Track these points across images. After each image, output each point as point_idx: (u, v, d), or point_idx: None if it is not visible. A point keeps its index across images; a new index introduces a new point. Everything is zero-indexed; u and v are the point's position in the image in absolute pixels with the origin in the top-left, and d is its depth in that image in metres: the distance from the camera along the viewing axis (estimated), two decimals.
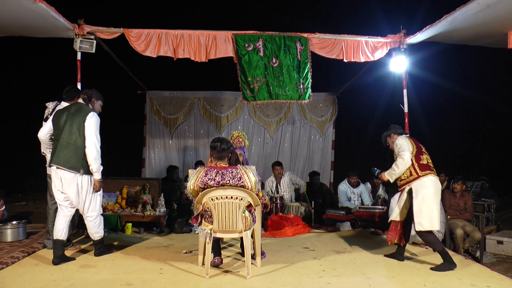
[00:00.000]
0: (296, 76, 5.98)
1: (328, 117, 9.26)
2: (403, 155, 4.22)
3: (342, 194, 7.26)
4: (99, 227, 4.28)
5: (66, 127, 4.04)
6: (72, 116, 4.06)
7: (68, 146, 4.03)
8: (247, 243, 3.73)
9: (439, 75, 10.96)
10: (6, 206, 6.37)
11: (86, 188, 4.10)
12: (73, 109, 4.12)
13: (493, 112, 13.46)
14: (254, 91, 5.95)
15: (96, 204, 4.21)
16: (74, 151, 4.02)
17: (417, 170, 4.19)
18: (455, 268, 3.97)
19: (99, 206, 4.27)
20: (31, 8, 4.49)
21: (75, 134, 4.02)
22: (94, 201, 4.19)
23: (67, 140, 4.04)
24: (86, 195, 4.12)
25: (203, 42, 5.76)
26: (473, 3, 4.25)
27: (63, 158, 4.02)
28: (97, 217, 4.25)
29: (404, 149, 4.23)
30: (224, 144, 3.79)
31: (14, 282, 3.50)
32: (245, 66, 5.87)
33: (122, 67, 7.28)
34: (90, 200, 4.15)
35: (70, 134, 4.03)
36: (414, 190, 4.15)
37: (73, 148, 4.02)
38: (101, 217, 4.32)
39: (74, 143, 4.03)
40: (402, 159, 4.21)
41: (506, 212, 8.62)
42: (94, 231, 4.27)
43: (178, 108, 9.01)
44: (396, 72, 6.14)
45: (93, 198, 4.17)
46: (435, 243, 4.11)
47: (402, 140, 4.32)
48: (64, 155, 4.02)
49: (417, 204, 4.09)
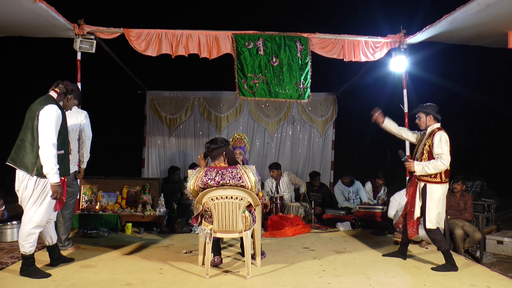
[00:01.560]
0: (297, 75, 5.98)
1: (328, 117, 9.26)
2: (444, 160, 4.02)
3: (339, 195, 7.32)
4: (25, 241, 3.56)
5: (25, 122, 3.61)
6: (30, 110, 3.61)
7: (22, 142, 3.57)
8: (247, 243, 3.73)
9: (439, 75, 10.96)
10: (6, 206, 6.37)
11: (32, 192, 3.55)
12: (37, 102, 3.64)
13: (493, 112, 13.45)
14: (254, 88, 5.95)
15: (32, 212, 3.56)
16: (28, 147, 3.53)
17: (443, 176, 4.09)
18: (456, 270, 3.96)
19: (36, 217, 3.57)
20: (31, 8, 4.49)
21: (29, 129, 3.54)
22: (34, 210, 3.56)
23: (21, 136, 3.60)
24: (29, 199, 3.56)
25: (203, 42, 5.77)
26: (473, 3, 4.25)
27: (17, 156, 3.57)
28: (27, 228, 3.55)
29: (447, 152, 4.03)
30: (213, 143, 3.81)
31: (14, 282, 3.50)
32: (244, 63, 5.87)
33: (122, 67, 7.29)
34: (29, 206, 3.57)
35: (25, 129, 3.58)
36: (430, 190, 4.11)
37: (27, 144, 3.54)
38: (36, 234, 3.60)
39: (26, 139, 3.55)
40: (443, 164, 4.02)
41: (506, 212, 8.61)
42: (21, 240, 3.58)
43: (178, 108, 9.01)
44: (396, 72, 6.14)
45: (35, 206, 3.56)
46: (441, 242, 4.11)
47: (446, 139, 4.09)
48: (18, 154, 3.57)
49: (433, 205, 4.07)
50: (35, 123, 3.52)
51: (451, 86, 11.51)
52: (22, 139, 3.58)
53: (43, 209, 3.60)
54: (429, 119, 4.28)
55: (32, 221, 3.57)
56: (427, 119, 4.29)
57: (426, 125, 4.30)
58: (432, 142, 4.13)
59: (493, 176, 11.12)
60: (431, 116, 4.27)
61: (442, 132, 4.15)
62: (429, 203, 4.10)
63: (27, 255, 3.61)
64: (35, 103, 3.63)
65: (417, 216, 4.27)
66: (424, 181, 4.16)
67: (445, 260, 4.05)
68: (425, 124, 4.30)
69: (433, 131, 4.21)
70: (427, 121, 4.29)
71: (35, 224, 3.58)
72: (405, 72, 6.01)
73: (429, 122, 4.28)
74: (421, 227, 4.56)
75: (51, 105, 3.57)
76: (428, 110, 4.28)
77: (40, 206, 3.59)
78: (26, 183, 3.56)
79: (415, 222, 4.29)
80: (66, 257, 4.14)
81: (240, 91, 6.01)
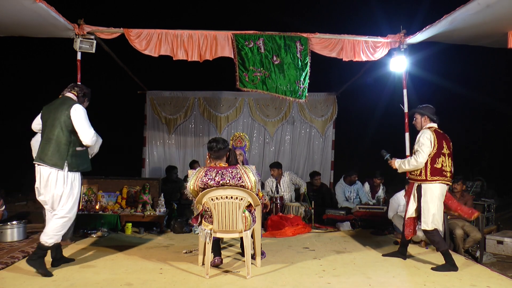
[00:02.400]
0: (297, 73, 5.98)
1: (328, 117, 9.26)
2: (418, 156, 4.06)
3: (339, 195, 7.28)
4: (56, 232, 3.76)
5: (49, 122, 3.81)
6: (55, 110, 3.82)
7: (49, 141, 3.77)
8: (247, 243, 3.73)
9: (439, 75, 10.95)
10: (6, 206, 6.36)
11: (64, 185, 3.75)
12: (58, 103, 3.88)
13: (493, 112, 13.45)
14: (255, 80, 5.94)
15: (68, 206, 3.79)
16: (56, 146, 3.75)
17: (428, 173, 4.08)
18: (456, 270, 3.96)
19: (72, 210, 3.84)
20: (31, 8, 4.49)
21: (57, 128, 3.76)
22: (69, 203, 3.79)
23: (47, 135, 3.79)
24: (61, 194, 3.76)
25: (203, 42, 5.77)
26: (473, 3, 4.25)
27: (45, 155, 3.75)
28: (63, 218, 3.77)
29: (423, 149, 4.06)
30: (220, 143, 3.80)
31: (14, 282, 3.50)
32: (245, 58, 5.87)
33: (122, 67, 7.29)
34: (63, 201, 3.77)
35: (52, 129, 3.78)
36: (424, 190, 4.12)
37: (55, 142, 3.75)
38: (63, 225, 3.80)
39: (54, 138, 3.76)
40: (416, 161, 4.07)
41: (506, 212, 8.61)
42: (45, 230, 3.76)
43: (178, 108, 9.01)
44: (396, 72, 6.14)
45: (67, 199, 3.78)
46: (439, 243, 4.11)
47: (426, 137, 4.10)
48: (46, 151, 3.75)
49: (427, 206, 4.08)
50: (65, 122, 3.75)
51: (451, 86, 11.51)
52: (49, 138, 3.77)
53: (75, 202, 3.87)
54: (424, 120, 4.29)
55: (68, 214, 3.80)
56: (422, 120, 4.30)
57: (421, 126, 4.31)
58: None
59: (493, 176, 11.10)
60: (426, 117, 4.28)
61: (425, 130, 4.16)
62: (423, 204, 4.10)
63: (45, 246, 3.73)
64: (58, 105, 3.84)
65: (410, 216, 4.27)
66: (412, 180, 4.21)
67: (445, 260, 4.05)
68: (420, 125, 4.31)
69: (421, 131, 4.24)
70: (422, 122, 4.30)
71: (70, 216, 3.82)
72: (405, 72, 6.01)
73: (424, 123, 4.29)
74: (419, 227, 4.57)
75: (77, 104, 3.85)
76: (424, 111, 4.29)
77: (73, 199, 3.83)
78: (55, 180, 3.73)
79: (411, 222, 4.29)
80: (67, 257, 4.15)
81: (240, 82, 5.98)
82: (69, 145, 3.79)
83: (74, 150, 3.83)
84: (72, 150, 3.81)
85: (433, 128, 4.20)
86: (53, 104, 3.90)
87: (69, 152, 3.79)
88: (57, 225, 3.76)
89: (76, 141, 3.84)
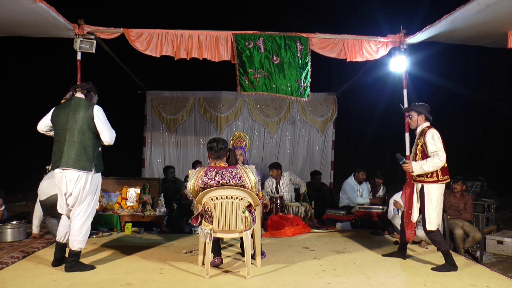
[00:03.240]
0: (298, 72, 5.98)
1: (328, 117, 9.26)
2: (440, 155, 3.98)
3: (351, 191, 7.10)
4: (84, 236, 3.84)
5: (69, 125, 3.76)
6: (73, 113, 3.79)
7: (73, 144, 3.75)
8: (247, 243, 3.73)
9: (439, 75, 10.96)
10: (6, 206, 6.36)
11: (91, 186, 3.83)
12: (73, 105, 3.83)
13: (493, 112, 13.46)
14: (255, 82, 5.94)
15: (91, 207, 3.88)
16: (82, 149, 3.76)
17: (439, 174, 4.04)
18: (456, 270, 3.95)
19: (93, 211, 3.95)
20: (31, 8, 4.49)
21: (81, 131, 3.76)
22: (92, 204, 3.88)
23: (72, 138, 3.76)
24: (88, 194, 3.82)
25: (203, 44, 5.77)
26: (473, 3, 4.25)
27: (72, 159, 3.72)
28: (86, 223, 3.85)
29: (441, 149, 4.00)
30: (220, 143, 3.81)
31: (14, 282, 3.50)
32: (245, 59, 5.87)
33: (122, 67, 7.29)
34: (89, 202, 3.85)
35: (75, 132, 3.76)
36: (427, 191, 4.07)
37: (80, 146, 3.75)
38: (89, 227, 3.91)
39: (80, 141, 3.76)
40: (440, 160, 3.97)
41: (506, 212, 8.61)
42: (77, 238, 3.80)
43: (178, 108, 9.02)
44: (396, 72, 6.14)
45: (92, 200, 3.88)
46: (440, 243, 4.08)
47: (438, 134, 4.03)
48: (72, 155, 3.73)
49: (431, 206, 4.04)
50: (89, 124, 3.78)
51: (451, 86, 11.52)
52: (73, 142, 3.75)
53: (96, 202, 3.98)
54: (420, 118, 4.25)
55: (90, 216, 3.89)
56: (418, 118, 4.26)
57: (417, 124, 4.27)
58: (425, 142, 4.09)
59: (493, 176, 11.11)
60: (423, 116, 4.24)
61: (432, 130, 4.12)
62: (427, 205, 4.06)
63: (79, 250, 3.84)
64: (74, 107, 3.80)
65: (416, 218, 4.23)
66: (421, 181, 4.12)
67: (445, 260, 4.04)
68: (416, 123, 4.27)
69: (423, 130, 4.18)
70: (418, 120, 4.26)
71: (91, 218, 3.90)
72: (405, 72, 6.01)
73: (420, 122, 4.25)
74: (419, 227, 4.56)
75: (96, 105, 3.88)
76: (421, 110, 4.26)
77: (96, 200, 3.94)
78: (83, 182, 3.77)
79: (413, 224, 4.27)
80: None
81: (241, 87, 6.00)
82: (94, 146, 3.83)
83: (98, 151, 3.90)
84: (97, 151, 3.88)
85: (432, 127, 4.17)
86: (68, 107, 3.83)
87: (95, 154, 3.85)
88: (85, 228, 3.83)
89: (98, 142, 3.89)
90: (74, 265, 3.80)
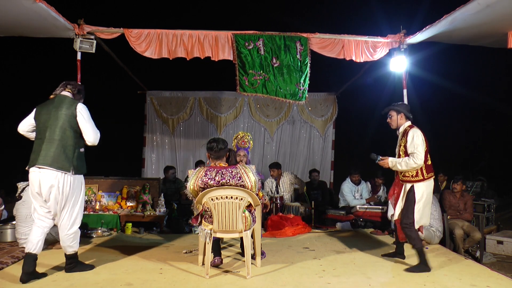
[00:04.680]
0: (297, 76, 5.99)
1: (328, 117, 9.27)
2: (416, 158, 3.96)
3: (348, 194, 7.08)
4: (73, 241, 3.71)
5: (50, 123, 3.57)
6: (56, 110, 3.60)
7: (53, 143, 3.54)
8: (247, 243, 3.73)
9: (439, 75, 10.96)
10: (6, 206, 6.36)
11: (70, 189, 3.59)
12: (56, 102, 3.65)
13: (493, 112, 13.46)
14: (255, 84, 5.95)
15: (76, 212, 3.67)
16: (62, 148, 3.54)
17: (424, 172, 4.04)
18: (429, 271, 3.92)
19: (79, 216, 3.74)
20: (31, 8, 4.49)
21: (62, 128, 3.57)
22: (76, 209, 3.67)
23: (52, 136, 3.55)
24: (67, 198, 3.58)
25: (204, 42, 5.77)
26: (473, 3, 4.25)
27: (50, 157, 3.50)
28: (74, 228, 3.68)
29: (420, 150, 3.98)
30: (220, 144, 3.80)
31: (14, 282, 3.50)
32: (245, 61, 5.87)
33: (122, 67, 7.29)
34: (71, 206, 3.63)
35: (55, 129, 3.56)
36: (416, 190, 4.06)
37: (60, 145, 3.54)
38: (79, 230, 3.76)
39: (60, 140, 3.55)
40: (415, 163, 3.97)
41: (506, 212, 8.62)
42: (68, 244, 3.68)
43: (178, 108, 9.03)
44: (396, 72, 6.15)
45: (74, 204, 3.65)
46: (415, 239, 4.04)
47: (420, 135, 4.03)
48: (51, 154, 3.51)
49: (420, 205, 4.04)
50: (70, 122, 3.58)
51: (451, 86, 11.51)
52: (52, 139, 3.55)
53: (82, 206, 3.76)
54: (400, 117, 4.23)
55: (77, 221, 3.71)
56: (398, 117, 4.23)
57: (398, 124, 4.25)
58: (406, 141, 4.08)
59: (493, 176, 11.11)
60: (402, 115, 4.22)
61: (414, 130, 4.09)
62: (417, 205, 4.04)
63: (74, 253, 3.76)
64: (57, 104, 3.62)
65: (396, 217, 4.21)
66: (408, 181, 4.11)
67: (419, 260, 4.01)
68: (396, 122, 4.25)
69: (405, 130, 4.16)
70: (398, 120, 4.23)
71: (79, 223, 3.73)
72: (405, 72, 6.01)
73: (400, 121, 4.23)
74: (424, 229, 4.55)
75: (80, 103, 3.70)
76: (400, 108, 4.24)
77: (80, 203, 3.73)
78: (62, 184, 3.54)
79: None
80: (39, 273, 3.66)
81: (241, 87, 6.00)
82: (75, 146, 3.63)
83: (79, 152, 3.68)
84: (78, 151, 3.66)
85: (415, 126, 4.15)
86: (51, 104, 3.66)
87: (75, 154, 3.63)
88: (73, 233, 3.67)
89: (80, 142, 3.69)
90: (74, 266, 3.76)
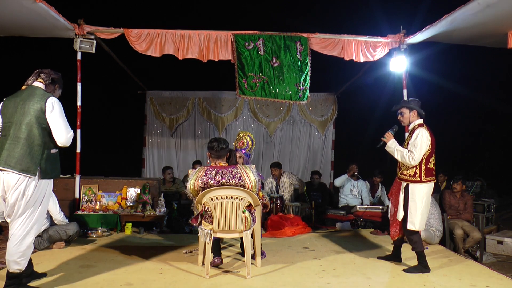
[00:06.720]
0: (297, 76, 5.99)
1: (328, 117, 9.27)
2: (413, 156, 3.89)
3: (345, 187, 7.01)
4: (22, 257, 3.09)
5: (16, 118, 3.11)
6: (23, 104, 3.13)
7: (18, 142, 3.08)
8: (247, 243, 3.73)
9: (439, 75, 10.96)
10: None
11: (34, 195, 3.10)
12: (25, 95, 3.19)
13: (493, 112, 13.47)
14: (254, 87, 5.96)
15: (32, 222, 3.12)
16: (28, 148, 3.08)
17: (422, 174, 3.94)
18: (429, 272, 3.90)
19: (36, 227, 3.17)
20: (31, 8, 4.49)
21: (28, 125, 3.10)
22: (34, 218, 3.12)
23: (17, 133, 3.09)
24: (27, 205, 3.08)
25: (204, 42, 5.77)
26: (473, 3, 4.26)
27: (13, 158, 3.05)
28: (27, 241, 3.09)
29: (419, 151, 3.89)
30: (221, 143, 3.80)
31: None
32: (245, 62, 5.88)
33: (122, 67, 7.29)
34: (29, 214, 3.10)
35: (21, 126, 3.10)
36: (412, 190, 3.99)
37: (26, 144, 3.08)
38: (31, 245, 3.14)
39: (26, 138, 3.09)
40: (409, 160, 3.91)
41: (506, 212, 8.61)
42: (14, 258, 3.06)
43: (178, 108, 9.03)
44: (396, 72, 6.15)
45: (34, 213, 3.12)
46: (417, 243, 4.00)
47: (425, 136, 3.90)
48: (14, 154, 3.05)
49: (414, 205, 3.96)
50: (38, 118, 3.11)
51: (451, 86, 11.52)
52: (17, 137, 3.09)
53: (42, 216, 3.23)
54: (412, 114, 4.07)
55: (31, 233, 3.14)
56: (410, 114, 4.07)
57: (410, 121, 4.10)
58: (410, 138, 4.00)
59: (493, 176, 11.11)
60: (415, 112, 4.07)
61: (421, 129, 3.96)
62: (411, 203, 3.96)
63: (19, 272, 3.11)
64: (25, 97, 3.16)
65: (401, 216, 4.09)
66: (405, 180, 4.04)
67: (418, 261, 3.99)
68: (408, 120, 4.09)
69: (414, 128, 4.04)
70: (411, 117, 4.07)
71: (33, 235, 3.16)
72: (405, 72, 6.02)
73: (412, 118, 4.07)
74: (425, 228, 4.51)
75: (52, 97, 3.20)
76: (412, 105, 4.08)
77: (40, 213, 3.19)
78: (22, 188, 3.06)
79: (398, 223, 4.16)
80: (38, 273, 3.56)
81: (240, 90, 6.02)
82: (43, 146, 3.14)
83: (49, 153, 3.19)
84: (47, 152, 3.17)
85: (425, 126, 4.04)
86: (19, 96, 3.19)
87: (43, 155, 3.14)
88: (23, 246, 3.09)
89: (50, 141, 3.20)
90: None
